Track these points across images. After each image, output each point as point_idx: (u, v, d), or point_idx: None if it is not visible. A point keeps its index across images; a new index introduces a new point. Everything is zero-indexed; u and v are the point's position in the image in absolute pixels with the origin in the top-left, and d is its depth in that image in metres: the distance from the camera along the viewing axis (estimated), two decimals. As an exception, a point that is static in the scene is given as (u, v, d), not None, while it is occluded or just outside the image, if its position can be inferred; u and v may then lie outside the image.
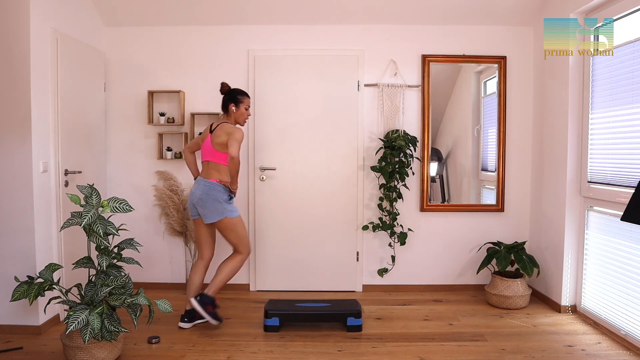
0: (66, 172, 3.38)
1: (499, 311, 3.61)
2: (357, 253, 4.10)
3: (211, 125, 3.22)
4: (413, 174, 4.03)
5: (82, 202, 2.64)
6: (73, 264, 2.76)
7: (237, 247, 3.22)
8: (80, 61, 3.62)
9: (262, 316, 3.32)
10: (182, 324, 3.22)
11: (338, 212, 4.05)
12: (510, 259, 3.66)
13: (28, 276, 2.74)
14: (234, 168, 3.03)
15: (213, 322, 3.14)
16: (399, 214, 4.00)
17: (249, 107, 3.25)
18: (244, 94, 3.23)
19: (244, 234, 3.20)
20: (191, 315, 3.21)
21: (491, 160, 4.10)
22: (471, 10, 3.83)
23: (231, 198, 3.16)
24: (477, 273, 4.00)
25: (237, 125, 3.21)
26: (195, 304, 3.12)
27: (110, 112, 4.05)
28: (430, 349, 2.93)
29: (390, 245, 4.04)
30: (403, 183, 3.91)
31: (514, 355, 2.84)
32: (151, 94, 3.97)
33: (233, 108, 3.17)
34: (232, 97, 3.19)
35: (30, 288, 2.62)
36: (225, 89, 3.22)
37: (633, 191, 2.31)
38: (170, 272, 4.12)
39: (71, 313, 2.47)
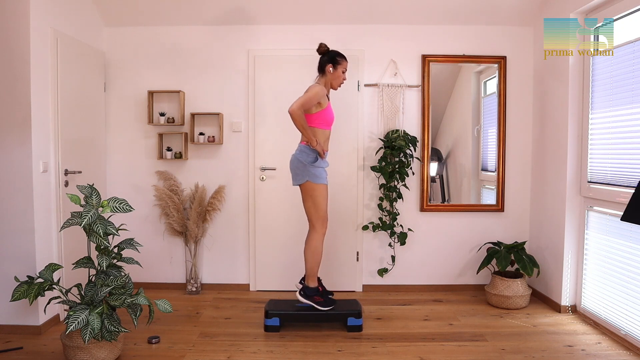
0: (66, 172, 3.38)
1: (499, 311, 3.61)
2: (357, 253, 4.10)
3: None
4: (413, 174, 4.03)
5: (82, 202, 2.64)
6: (73, 264, 2.76)
7: (311, 219, 3.13)
8: (80, 61, 3.62)
9: (262, 316, 3.32)
10: (299, 296, 3.18)
11: (338, 212, 4.05)
12: (510, 259, 3.66)
13: (28, 276, 2.74)
14: (297, 123, 2.94)
15: (324, 309, 3.13)
16: (399, 214, 4.00)
17: (346, 70, 3.15)
18: (342, 56, 3.13)
19: (321, 205, 3.09)
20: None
21: (491, 160, 4.10)
22: (471, 10, 3.83)
23: (317, 159, 3.04)
24: (477, 273, 4.00)
25: (318, 87, 3.04)
26: (300, 298, 3.13)
27: (110, 112, 4.05)
28: (430, 349, 2.93)
29: (390, 245, 4.04)
30: (403, 183, 3.91)
31: (514, 355, 2.84)
32: (151, 94, 3.97)
33: (330, 69, 3.09)
34: (332, 57, 3.10)
35: (30, 288, 2.62)
36: (324, 49, 3.14)
37: (633, 191, 2.31)
38: (170, 272, 4.12)
39: (71, 313, 2.47)
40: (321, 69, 3.14)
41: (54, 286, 2.69)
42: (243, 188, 4.08)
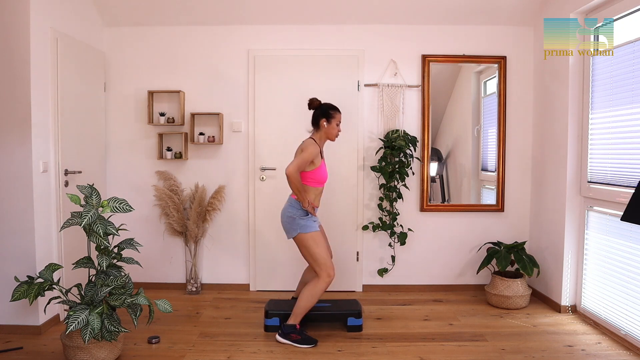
0: (66, 172, 3.38)
1: (499, 311, 3.61)
2: (357, 253, 4.10)
3: None
4: (413, 174, 4.03)
5: (82, 202, 2.64)
6: (73, 264, 2.76)
7: (314, 268, 3.04)
8: (80, 61, 3.62)
9: (262, 316, 3.32)
10: (277, 337, 3.04)
11: (338, 212, 4.05)
12: (510, 259, 3.66)
13: (28, 276, 2.74)
14: (292, 185, 2.91)
15: (303, 347, 2.95)
16: (399, 214, 4.00)
17: (340, 122, 3.13)
18: (335, 109, 3.11)
19: (318, 253, 2.97)
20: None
21: (491, 160, 4.10)
22: (471, 10, 3.83)
23: (307, 214, 3.00)
24: (477, 273, 4.00)
25: (311, 142, 3.01)
26: (280, 339, 3.00)
27: (110, 112, 4.05)
28: (430, 349, 2.93)
29: (390, 245, 4.04)
30: (403, 183, 3.91)
31: (514, 355, 2.84)
32: (151, 94, 3.97)
33: (324, 123, 3.05)
34: (324, 112, 3.06)
35: (30, 288, 2.62)
36: (316, 104, 3.11)
37: (633, 191, 2.31)
38: (170, 272, 4.12)
39: (71, 313, 2.47)
40: (315, 124, 3.10)
41: (54, 286, 2.69)
42: (243, 188, 4.08)
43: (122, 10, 3.88)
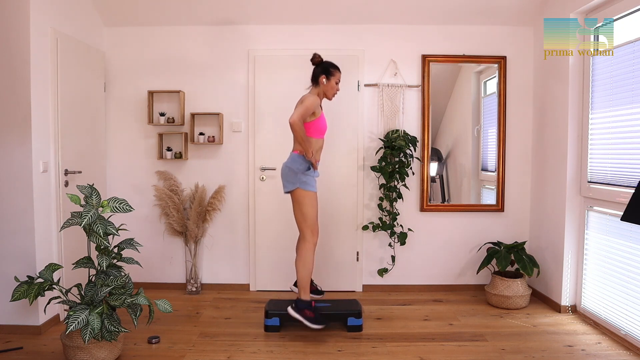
0: (66, 172, 3.38)
1: (499, 311, 3.61)
2: (357, 253, 4.10)
3: None
4: (413, 174, 4.03)
5: (82, 202, 2.64)
6: (73, 264, 2.76)
7: (301, 228, 3.09)
8: (80, 61, 3.62)
9: (262, 316, 3.32)
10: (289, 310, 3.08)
11: (338, 212, 4.05)
12: (510, 259, 3.66)
13: (28, 276, 2.74)
14: (297, 134, 2.93)
15: (312, 326, 2.98)
16: (399, 214, 4.00)
17: (339, 81, 3.14)
18: (336, 67, 3.12)
19: (310, 213, 3.05)
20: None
21: (491, 160, 4.10)
22: (471, 10, 3.83)
23: (309, 169, 3.02)
24: (477, 273, 4.00)
25: (311, 96, 3.04)
26: (292, 312, 3.04)
27: (110, 112, 4.05)
28: (430, 349, 2.93)
29: (390, 245, 4.04)
30: (403, 183, 3.91)
31: (514, 355, 2.84)
32: (151, 94, 3.97)
33: (324, 80, 3.07)
34: (325, 68, 3.08)
35: (30, 288, 2.62)
36: (318, 60, 3.12)
37: (633, 191, 2.31)
38: (170, 272, 4.12)
39: (71, 313, 2.47)
40: (315, 80, 3.13)
41: (54, 286, 2.69)
42: (243, 188, 4.08)
43: (122, 10, 3.88)
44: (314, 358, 2.81)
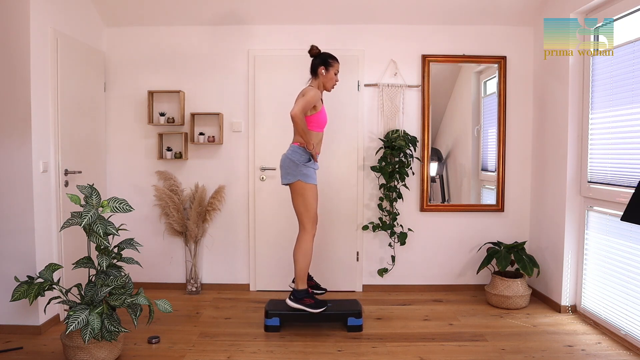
0: (66, 172, 3.38)
1: (499, 311, 3.61)
2: (357, 253, 4.10)
3: None
4: (413, 174, 4.03)
5: (82, 202, 2.64)
6: (73, 264, 2.76)
7: (301, 220, 3.11)
8: (80, 61, 3.62)
9: (262, 316, 3.32)
10: (288, 301, 3.14)
11: (338, 212, 4.05)
12: (510, 259, 3.66)
13: (28, 276, 2.74)
14: (298, 126, 2.95)
15: (315, 311, 3.07)
16: (399, 214, 4.00)
17: (338, 72, 3.16)
18: (334, 58, 3.14)
19: (311, 204, 3.07)
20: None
21: (491, 160, 4.10)
22: (471, 10, 3.83)
23: (309, 160, 3.04)
24: (477, 273, 4.00)
25: (312, 89, 3.07)
26: (290, 303, 3.08)
27: (110, 112, 4.05)
28: (430, 349, 2.93)
29: (390, 245, 4.04)
30: (403, 183, 3.91)
31: (514, 355, 2.84)
32: (151, 94, 3.97)
33: (323, 71, 3.09)
34: (323, 60, 3.10)
35: (30, 288, 2.62)
36: (315, 52, 3.14)
37: (633, 191, 2.31)
38: (170, 272, 4.12)
39: (71, 313, 2.47)
40: (314, 72, 3.14)
41: (54, 286, 2.69)
42: (243, 188, 4.08)
43: (122, 10, 3.88)
44: (314, 358, 2.81)
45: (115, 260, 2.79)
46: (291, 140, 3.17)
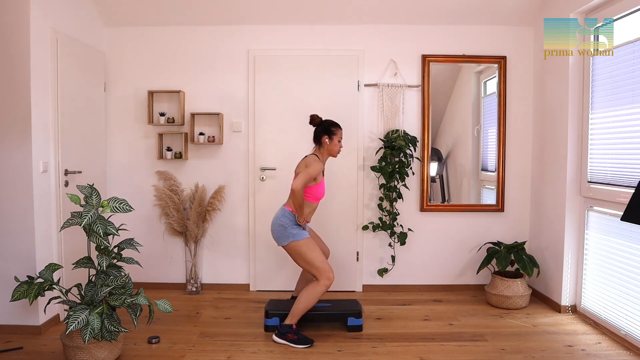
0: (66, 172, 3.38)
1: (499, 311, 3.61)
2: (357, 253, 4.10)
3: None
4: (413, 174, 4.03)
5: (82, 202, 2.64)
6: (73, 264, 2.76)
7: (312, 274, 3.04)
8: (80, 61, 3.62)
9: (262, 316, 3.32)
10: (274, 337, 3.04)
11: (338, 212, 4.05)
12: (510, 259, 3.66)
13: (28, 276, 2.74)
14: (295, 200, 2.95)
15: (299, 347, 2.94)
16: (399, 214, 4.00)
17: (342, 138, 3.17)
18: (337, 125, 3.15)
19: (314, 258, 2.98)
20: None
21: (491, 160, 4.10)
22: (471, 10, 3.83)
23: (297, 224, 3.04)
24: (477, 273, 4.00)
25: (314, 159, 3.06)
26: (276, 339, 3.01)
27: (110, 112, 4.05)
28: (430, 349, 2.93)
29: (390, 245, 4.04)
30: (403, 183, 3.91)
31: (514, 355, 2.84)
32: (151, 94, 3.97)
33: (327, 140, 3.10)
34: (326, 129, 3.11)
35: (30, 288, 2.62)
36: (317, 121, 3.15)
37: (633, 191, 2.31)
38: (170, 272, 4.12)
39: (71, 313, 2.47)
40: (317, 140, 3.14)
41: (54, 286, 2.69)
42: (243, 188, 4.08)
43: (122, 10, 3.88)
44: (314, 358, 2.81)
45: (115, 260, 2.78)
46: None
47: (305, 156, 3.13)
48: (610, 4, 3.10)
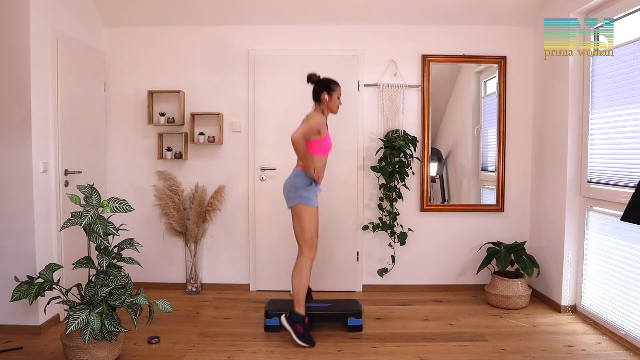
0: (66, 172, 3.38)
1: (499, 311, 3.61)
2: (357, 253, 4.10)
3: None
4: (413, 174, 4.03)
5: (82, 202, 2.64)
6: (73, 264, 2.76)
7: (299, 243, 3.09)
8: (80, 61, 3.62)
9: (262, 316, 3.32)
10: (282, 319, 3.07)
11: (338, 212, 4.05)
12: (510, 259, 3.66)
13: (28, 276, 2.74)
14: (298, 151, 2.95)
15: (299, 342, 2.96)
16: (399, 214, 4.00)
17: (340, 95, 3.17)
18: (335, 82, 3.15)
19: (308, 227, 3.04)
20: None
21: (491, 160, 4.10)
22: (471, 10, 3.84)
23: (311, 184, 3.03)
24: (477, 273, 4.00)
25: (316, 114, 3.07)
26: (284, 321, 3.03)
27: (110, 112, 4.05)
28: (430, 349, 2.93)
29: (390, 245, 4.04)
30: (403, 183, 3.91)
31: (514, 355, 2.84)
32: (151, 94, 3.97)
33: (326, 96, 3.10)
34: (325, 85, 3.11)
35: (30, 288, 2.62)
36: (315, 79, 3.15)
37: (633, 191, 2.31)
38: (170, 272, 4.12)
39: (71, 313, 2.47)
40: (317, 98, 3.14)
41: (54, 286, 2.69)
42: (243, 188, 4.08)
43: (122, 10, 3.88)
44: (314, 358, 2.81)
45: (115, 260, 2.79)
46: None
47: (308, 113, 3.12)
48: (610, 4, 3.10)
